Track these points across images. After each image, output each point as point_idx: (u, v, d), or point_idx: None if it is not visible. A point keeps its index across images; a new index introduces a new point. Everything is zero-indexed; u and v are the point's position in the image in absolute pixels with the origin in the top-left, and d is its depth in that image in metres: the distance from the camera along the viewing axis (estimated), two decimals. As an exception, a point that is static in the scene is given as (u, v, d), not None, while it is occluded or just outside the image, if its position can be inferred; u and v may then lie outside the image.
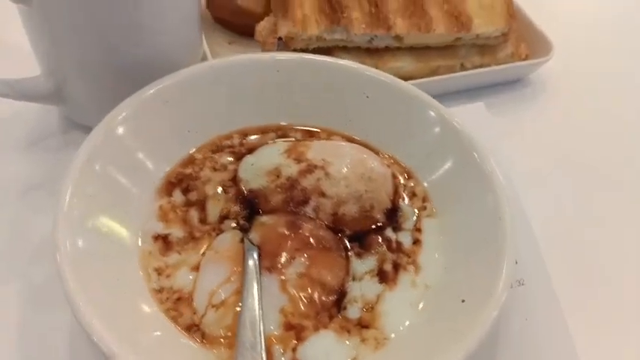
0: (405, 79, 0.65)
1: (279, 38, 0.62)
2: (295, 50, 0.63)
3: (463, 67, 0.69)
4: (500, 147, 0.61)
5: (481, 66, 0.69)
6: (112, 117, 0.50)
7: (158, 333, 0.43)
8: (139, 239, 0.48)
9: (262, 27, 0.62)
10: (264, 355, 0.41)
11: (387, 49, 0.66)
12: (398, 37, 0.64)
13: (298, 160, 0.52)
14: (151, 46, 0.55)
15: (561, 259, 0.54)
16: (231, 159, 0.54)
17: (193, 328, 0.44)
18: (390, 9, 0.64)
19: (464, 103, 0.67)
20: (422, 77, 0.66)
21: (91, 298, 0.40)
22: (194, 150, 0.55)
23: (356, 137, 0.57)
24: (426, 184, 0.53)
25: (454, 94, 0.67)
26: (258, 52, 0.70)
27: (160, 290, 0.45)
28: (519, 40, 0.70)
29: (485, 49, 0.69)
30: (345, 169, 0.51)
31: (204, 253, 0.48)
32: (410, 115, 0.55)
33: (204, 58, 0.63)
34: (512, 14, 0.67)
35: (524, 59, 0.70)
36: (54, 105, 0.59)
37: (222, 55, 0.69)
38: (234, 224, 0.50)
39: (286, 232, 0.48)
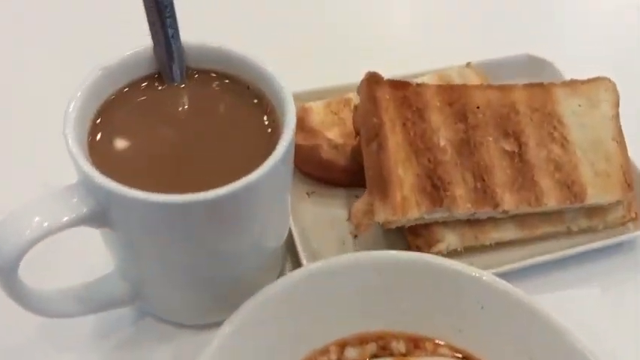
0: (506, 246, 0.60)
1: (376, 221, 0.55)
2: (391, 229, 0.57)
3: (569, 230, 0.62)
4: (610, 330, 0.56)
5: (588, 228, 0.62)
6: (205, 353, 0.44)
7: None
8: None
9: (357, 209, 0.56)
10: None
11: (490, 219, 0.59)
12: (505, 212, 0.58)
13: (411, 397, 0.46)
14: (240, 252, 0.49)
15: None
16: (329, 384, 0.49)
17: None
18: (498, 182, 0.57)
19: (563, 274, 0.61)
20: (524, 243, 0.61)
21: None
22: (289, 372, 0.49)
23: (468, 350, 0.51)
24: None
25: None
26: (338, 204, 0.64)
27: None
28: (631, 199, 0.63)
29: (594, 211, 0.62)
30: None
31: None
32: (532, 335, 0.49)
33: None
34: (630, 183, 0.60)
35: (635, 218, 0.63)
36: (128, 306, 0.53)
37: (299, 211, 0.63)
38: None
39: None
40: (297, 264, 0.58)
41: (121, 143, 0.44)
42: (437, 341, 0.51)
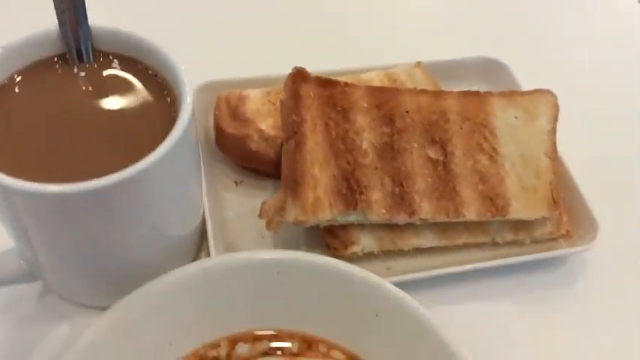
0: (426, 252, 0.59)
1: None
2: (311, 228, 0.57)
3: (494, 242, 0.61)
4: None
5: (514, 242, 0.61)
6: (91, 333, 0.45)
7: None
8: None
9: (269, 206, 0.55)
10: None
11: (409, 225, 0.58)
12: (422, 220, 0.57)
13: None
14: (139, 241, 0.49)
15: None
16: (214, 378, 0.49)
17: None
18: (417, 189, 0.56)
19: (486, 286, 0.60)
20: (446, 251, 0.60)
21: None
22: (175, 364, 0.49)
23: (360, 356, 0.50)
24: None
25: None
26: (265, 195, 0.63)
27: None
28: (562, 214, 0.62)
29: (521, 224, 0.61)
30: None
31: None
32: (421, 347, 0.48)
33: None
34: (557, 200, 0.59)
35: (565, 235, 0.62)
36: (28, 283, 0.53)
37: (225, 200, 0.63)
38: None
39: None
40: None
41: (14, 126, 0.44)
42: (331, 344, 0.51)
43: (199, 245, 0.58)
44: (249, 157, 0.63)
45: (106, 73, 0.48)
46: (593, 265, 0.63)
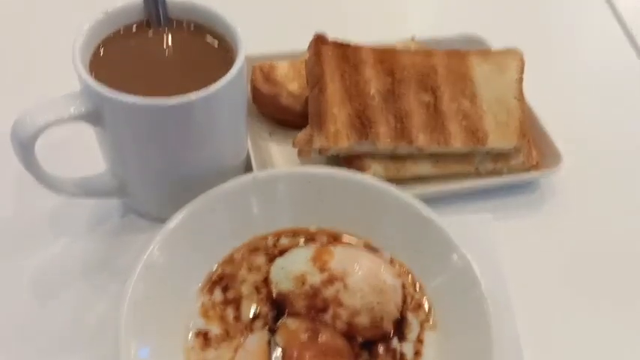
0: (424, 180, 0.74)
1: (314, 148, 0.70)
2: (328, 157, 0.72)
3: (477, 172, 0.76)
4: (503, 255, 0.69)
5: (494, 171, 0.77)
6: (165, 229, 0.60)
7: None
8: (184, 336, 0.57)
9: (300, 138, 0.71)
10: None
11: (409, 156, 0.74)
12: (419, 148, 0.72)
13: (322, 269, 0.60)
14: (205, 157, 0.64)
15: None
16: (264, 260, 0.64)
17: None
18: (414, 125, 0.72)
19: (473, 207, 0.75)
20: (439, 179, 0.75)
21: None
22: (234, 250, 0.64)
23: (375, 245, 0.65)
24: (430, 298, 0.62)
25: (465, 195, 0.76)
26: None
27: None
28: (531, 148, 0.77)
29: (499, 156, 0.76)
30: (361, 280, 0.60)
31: (236, 350, 0.57)
32: (424, 235, 0.63)
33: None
34: (525, 133, 0.75)
35: (535, 165, 0.77)
36: (116, 199, 0.68)
37: (262, 147, 0.78)
38: (263, 324, 0.59)
39: (307, 339, 0.57)
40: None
41: (114, 66, 0.60)
42: (351, 236, 0.66)
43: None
44: (281, 110, 0.79)
45: (179, 33, 0.64)
46: (559, 192, 0.79)
